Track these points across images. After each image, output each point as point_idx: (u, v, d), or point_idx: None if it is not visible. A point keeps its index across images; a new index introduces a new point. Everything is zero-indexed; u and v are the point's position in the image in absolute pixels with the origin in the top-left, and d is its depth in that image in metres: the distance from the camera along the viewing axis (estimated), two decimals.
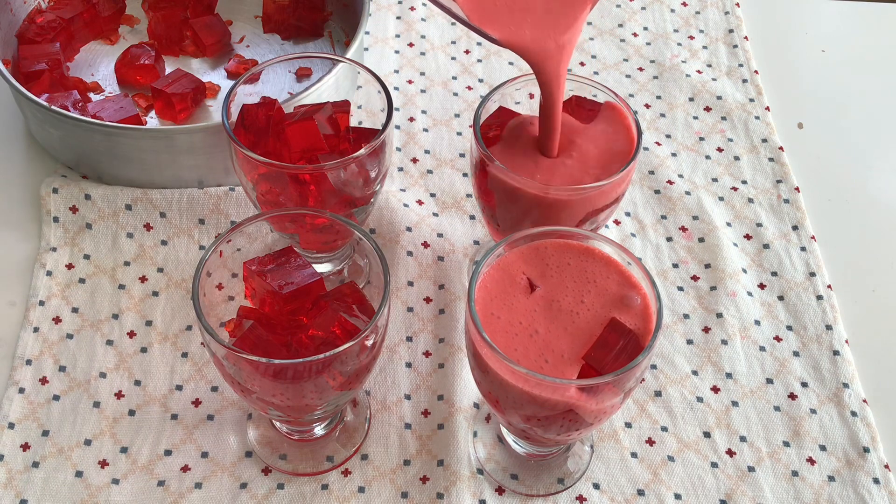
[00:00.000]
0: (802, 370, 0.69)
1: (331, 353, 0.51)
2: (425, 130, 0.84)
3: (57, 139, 0.76)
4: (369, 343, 0.54)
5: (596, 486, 0.63)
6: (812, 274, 0.74)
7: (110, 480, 0.62)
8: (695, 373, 0.69)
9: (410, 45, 0.91)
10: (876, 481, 0.63)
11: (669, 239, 0.77)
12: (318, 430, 0.64)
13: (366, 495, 0.62)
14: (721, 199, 0.79)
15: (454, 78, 0.89)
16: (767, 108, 0.86)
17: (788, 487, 0.63)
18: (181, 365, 0.67)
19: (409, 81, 0.88)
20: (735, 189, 0.80)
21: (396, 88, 0.87)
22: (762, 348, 0.70)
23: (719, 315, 0.71)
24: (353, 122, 0.68)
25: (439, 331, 0.70)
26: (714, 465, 0.64)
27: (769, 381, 0.68)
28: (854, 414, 0.66)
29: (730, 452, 0.65)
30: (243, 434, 0.64)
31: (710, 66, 0.91)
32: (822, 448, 0.65)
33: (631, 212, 0.78)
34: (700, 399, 0.67)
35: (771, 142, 0.84)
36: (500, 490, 0.62)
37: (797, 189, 0.80)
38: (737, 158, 0.83)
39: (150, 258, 0.73)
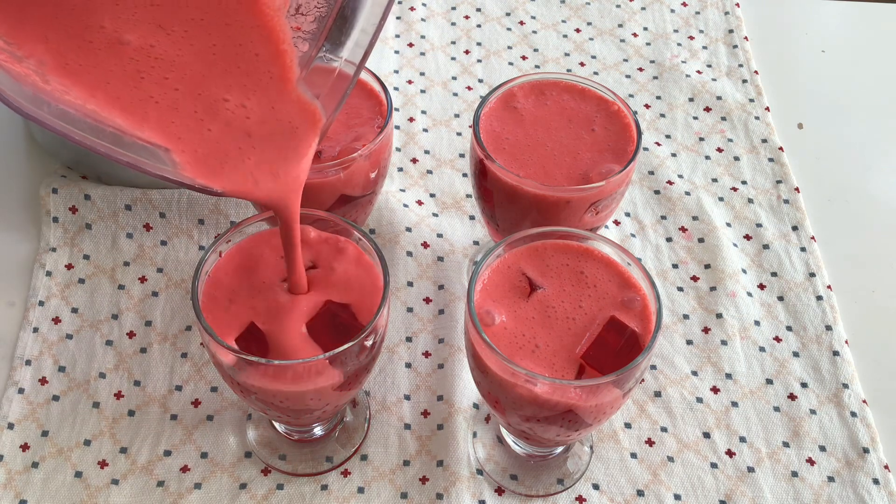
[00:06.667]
0: (802, 371, 0.69)
1: (330, 353, 0.51)
2: (425, 131, 0.84)
3: (57, 139, 0.76)
4: (369, 343, 0.54)
5: (595, 487, 0.63)
6: (812, 274, 0.74)
7: (110, 481, 0.62)
8: (694, 373, 0.69)
9: (410, 45, 0.91)
10: (876, 482, 0.63)
11: (669, 239, 0.77)
12: (318, 431, 0.64)
13: (365, 496, 0.62)
14: (721, 199, 0.79)
15: (454, 78, 0.89)
16: (767, 109, 0.86)
17: (788, 488, 0.63)
18: (181, 365, 0.67)
19: (409, 81, 0.88)
20: (735, 189, 0.80)
21: (396, 88, 0.87)
22: (762, 349, 0.70)
23: (719, 315, 0.71)
24: None
25: (439, 331, 0.70)
26: (714, 465, 0.64)
27: (769, 381, 0.68)
28: (854, 414, 0.66)
29: (729, 453, 0.65)
30: (243, 434, 0.64)
31: (710, 66, 0.91)
32: (822, 449, 0.65)
33: (631, 212, 0.78)
34: (700, 399, 0.67)
35: (771, 142, 0.84)
36: (499, 490, 0.62)
37: (797, 189, 0.80)
38: (737, 159, 0.83)
39: (149, 258, 0.73)
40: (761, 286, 0.74)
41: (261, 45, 0.48)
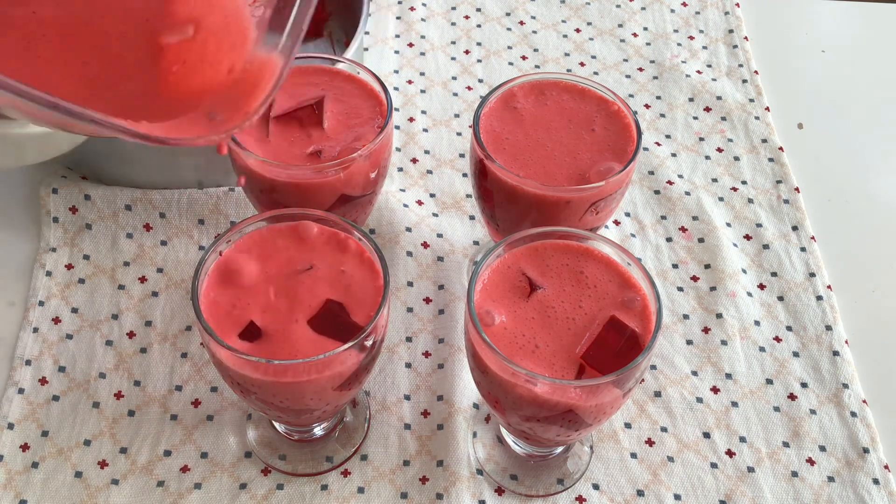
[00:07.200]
0: (802, 371, 0.69)
1: (331, 353, 0.51)
2: (425, 131, 0.84)
3: None
4: (369, 343, 0.54)
5: (595, 487, 0.63)
6: (812, 274, 0.74)
7: (110, 481, 0.62)
8: (694, 373, 0.69)
9: (410, 45, 0.91)
10: (875, 482, 0.63)
11: (669, 239, 0.77)
12: (318, 431, 0.64)
13: (365, 496, 0.62)
14: (721, 199, 0.79)
15: (454, 78, 0.89)
16: (767, 109, 0.86)
17: (788, 488, 0.63)
18: (181, 365, 0.67)
19: (409, 81, 0.88)
20: (735, 189, 0.80)
21: (396, 88, 0.87)
22: (762, 349, 0.70)
23: (719, 315, 0.71)
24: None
25: (439, 331, 0.70)
26: (714, 465, 0.64)
27: (769, 381, 0.68)
28: (854, 414, 0.66)
29: (729, 453, 0.65)
30: (243, 434, 0.64)
31: (710, 66, 0.91)
32: (822, 449, 0.65)
33: (631, 212, 0.78)
34: (700, 399, 0.67)
35: (771, 142, 0.84)
36: (499, 490, 0.62)
37: (797, 189, 0.80)
38: (737, 159, 0.83)
39: (149, 258, 0.73)
40: (761, 286, 0.74)
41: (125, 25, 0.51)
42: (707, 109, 0.87)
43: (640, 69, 0.90)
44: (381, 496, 0.62)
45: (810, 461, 0.64)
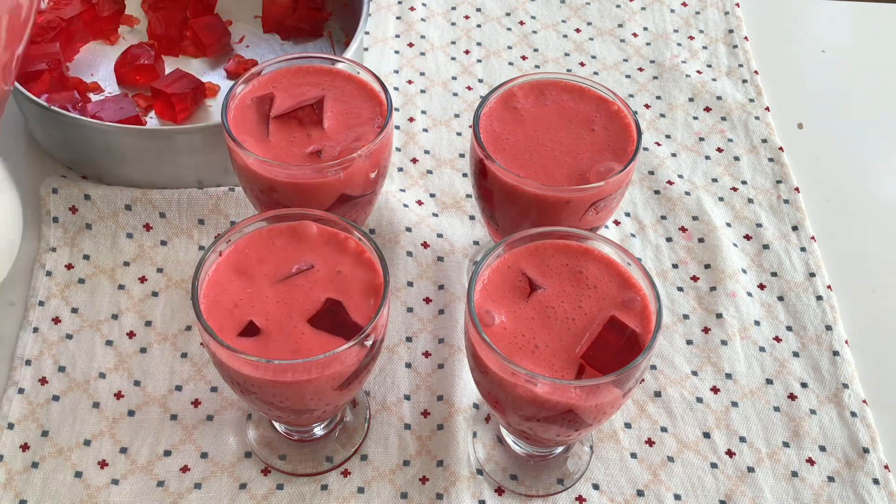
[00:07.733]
0: (802, 371, 0.69)
1: (330, 353, 0.51)
2: (425, 131, 0.84)
3: (57, 139, 0.76)
4: (368, 343, 0.54)
5: (595, 487, 0.63)
6: (812, 274, 0.74)
7: (110, 481, 0.62)
8: (694, 373, 0.69)
9: (410, 45, 0.91)
10: (875, 482, 0.63)
11: (669, 239, 0.77)
12: (318, 431, 0.64)
13: (365, 496, 0.62)
14: (721, 199, 0.79)
15: (454, 78, 0.89)
16: (767, 109, 0.86)
17: (788, 488, 0.63)
18: (181, 365, 0.67)
19: (409, 81, 0.88)
20: (735, 189, 0.80)
21: (396, 88, 0.87)
22: (762, 349, 0.70)
23: (719, 315, 0.71)
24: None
25: (439, 331, 0.70)
26: (714, 465, 0.64)
27: (769, 381, 0.68)
28: (854, 414, 0.66)
29: (729, 453, 0.65)
30: (243, 434, 0.64)
31: (710, 66, 0.91)
32: (822, 449, 0.65)
33: (631, 212, 0.78)
34: (700, 399, 0.67)
35: (771, 142, 0.84)
36: (499, 490, 0.62)
37: (797, 189, 0.80)
38: (737, 159, 0.83)
39: (149, 258, 0.73)
40: (761, 286, 0.74)
41: None
42: (707, 109, 0.87)
43: (640, 69, 0.90)
44: (381, 496, 0.62)
45: (810, 461, 0.64)
